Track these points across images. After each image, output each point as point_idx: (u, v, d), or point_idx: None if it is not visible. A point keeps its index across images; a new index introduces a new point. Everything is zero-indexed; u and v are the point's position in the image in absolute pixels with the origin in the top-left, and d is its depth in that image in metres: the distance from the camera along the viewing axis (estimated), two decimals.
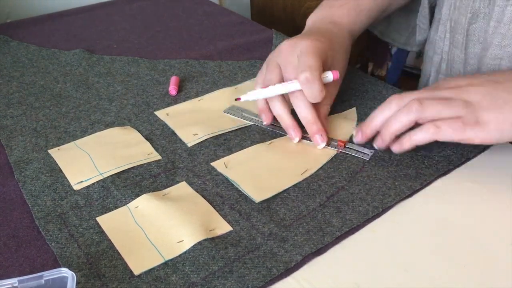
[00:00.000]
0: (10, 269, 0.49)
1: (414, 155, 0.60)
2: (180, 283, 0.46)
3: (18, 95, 0.78)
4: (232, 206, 0.55)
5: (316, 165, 0.60)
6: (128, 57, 0.88)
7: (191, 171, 0.60)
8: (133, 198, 0.56)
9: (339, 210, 0.53)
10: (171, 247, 0.50)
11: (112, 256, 0.49)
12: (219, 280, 0.46)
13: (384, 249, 0.49)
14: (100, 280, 0.47)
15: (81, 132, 0.68)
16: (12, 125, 0.70)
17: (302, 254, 0.49)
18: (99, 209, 0.55)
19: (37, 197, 0.57)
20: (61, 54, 0.90)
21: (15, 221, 0.54)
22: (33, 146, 0.65)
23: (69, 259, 0.49)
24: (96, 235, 0.52)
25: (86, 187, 0.58)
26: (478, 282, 0.46)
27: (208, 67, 0.84)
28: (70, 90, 0.79)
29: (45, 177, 0.60)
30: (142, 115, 0.71)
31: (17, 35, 0.99)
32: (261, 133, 0.66)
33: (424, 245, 0.50)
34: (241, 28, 1.00)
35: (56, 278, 0.43)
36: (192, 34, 0.98)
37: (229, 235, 0.51)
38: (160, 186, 0.58)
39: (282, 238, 0.50)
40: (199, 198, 0.56)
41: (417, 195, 0.56)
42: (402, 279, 0.46)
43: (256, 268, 0.47)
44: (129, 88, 0.79)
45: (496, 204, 0.54)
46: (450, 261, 0.48)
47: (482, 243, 0.49)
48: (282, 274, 0.47)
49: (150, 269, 0.48)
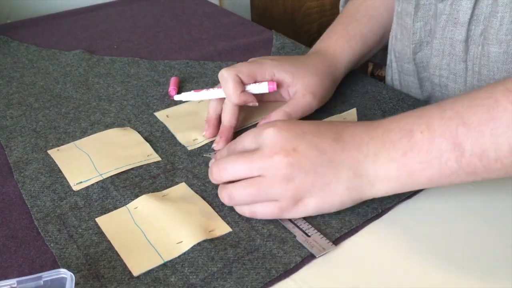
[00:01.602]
0: (9, 270, 0.49)
1: None
2: (179, 284, 0.46)
3: (18, 95, 0.78)
4: (232, 207, 0.54)
5: None
6: (128, 58, 0.88)
7: (190, 172, 0.60)
8: (132, 199, 0.56)
9: (339, 212, 0.53)
10: (170, 248, 0.50)
11: (111, 257, 0.49)
12: (218, 281, 0.46)
13: (384, 250, 0.49)
14: (99, 281, 0.47)
15: (80, 133, 0.68)
16: (11, 126, 0.70)
17: (302, 256, 0.48)
18: (99, 210, 0.55)
19: (37, 197, 0.57)
20: (61, 55, 0.90)
21: (14, 221, 0.54)
22: (33, 146, 0.65)
23: (68, 260, 0.49)
24: (96, 236, 0.52)
25: (86, 187, 0.58)
26: (478, 282, 0.45)
27: (208, 68, 0.84)
28: (70, 91, 0.79)
29: (45, 177, 0.60)
30: (142, 116, 0.71)
31: (17, 35, 0.99)
32: None
33: (424, 245, 0.50)
34: (241, 29, 1.00)
35: (55, 279, 0.43)
36: (192, 35, 0.98)
37: (228, 236, 0.51)
38: (160, 187, 0.58)
39: (281, 239, 0.50)
40: (198, 199, 0.56)
41: (417, 195, 0.56)
42: (401, 280, 0.46)
43: (255, 269, 0.47)
44: (129, 89, 0.79)
45: (496, 204, 0.54)
46: (450, 261, 0.48)
47: (482, 243, 0.49)
48: (281, 276, 0.47)
49: (149, 270, 0.48)
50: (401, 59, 0.76)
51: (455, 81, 0.68)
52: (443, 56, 0.68)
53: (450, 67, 0.68)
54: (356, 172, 0.50)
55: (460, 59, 0.66)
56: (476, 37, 0.64)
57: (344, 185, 0.50)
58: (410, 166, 0.48)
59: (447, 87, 0.69)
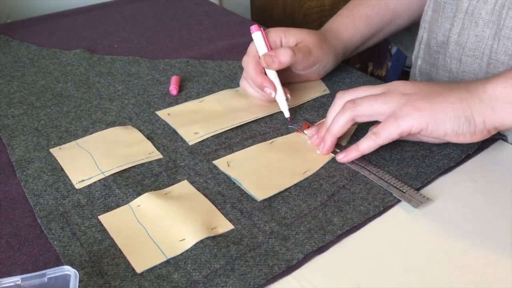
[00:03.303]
0: (12, 268, 0.49)
1: (415, 154, 0.61)
2: (182, 281, 0.46)
3: (19, 94, 0.78)
4: (234, 205, 0.55)
5: (317, 165, 0.60)
6: (128, 57, 0.88)
7: (192, 170, 0.60)
8: (135, 197, 0.56)
9: (340, 209, 0.54)
10: (173, 246, 0.50)
11: (115, 254, 0.49)
12: (221, 278, 0.47)
13: (385, 248, 0.50)
14: (103, 278, 0.47)
15: (82, 131, 0.68)
16: (13, 125, 0.70)
17: (304, 253, 0.49)
18: (101, 208, 0.55)
19: (39, 196, 0.57)
20: (62, 54, 0.90)
21: (17, 219, 0.54)
22: (35, 145, 0.66)
23: (71, 257, 0.49)
24: (98, 233, 0.52)
25: (88, 186, 0.58)
26: (478, 282, 0.46)
27: (209, 66, 0.84)
28: (71, 90, 0.79)
29: (47, 176, 0.60)
30: (143, 115, 0.71)
31: (18, 35, 0.99)
32: (262, 132, 0.66)
33: (424, 244, 0.50)
34: (241, 28, 1.00)
35: (59, 276, 0.43)
36: (192, 34, 0.98)
37: (230, 233, 0.51)
38: (162, 184, 0.58)
39: (283, 236, 0.51)
40: (200, 197, 0.56)
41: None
42: (402, 279, 0.46)
43: (257, 266, 0.48)
44: (130, 87, 0.79)
45: (496, 203, 0.54)
46: (450, 260, 0.48)
47: (482, 243, 0.50)
48: (283, 273, 0.47)
49: (152, 267, 0.48)
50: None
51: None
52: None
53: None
54: (470, 90, 0.54)
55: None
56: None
57: (456, 95, 0.54)
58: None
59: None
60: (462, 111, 0.54)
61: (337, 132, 0.59)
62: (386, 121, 0.56)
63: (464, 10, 0.67)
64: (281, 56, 0.67)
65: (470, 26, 0.66)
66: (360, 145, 0.58)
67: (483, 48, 0.66)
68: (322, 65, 0.73)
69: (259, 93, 0.70)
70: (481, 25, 0.65)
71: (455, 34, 0.68)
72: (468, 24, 0.67)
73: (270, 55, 0.67)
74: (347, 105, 0.58)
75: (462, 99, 0.54)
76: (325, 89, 0.75)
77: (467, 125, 0.54)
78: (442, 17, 0.70)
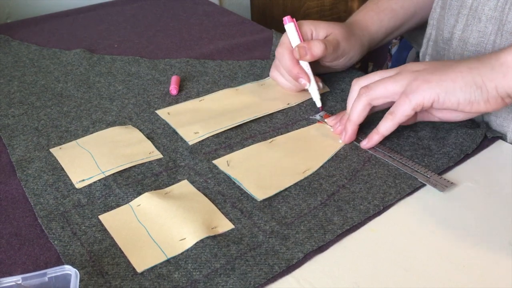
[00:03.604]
0: (13, 267, 0.49)
1: (414, 154, 0.61)
2: (182, 281, 0.47)
3: (20, 94, 0.78)
4: (234, 204, 0.55)
5: (317, 164, 0.60)
6: (128, 56, 0.88)
7: (192, 170, 0.60)
8: (135, 197, 0.56)
9: (340, 209, 0.54)
10: (173, 245, 0.50)
11: (115, 253, 0.50)
12: (221, 277, 0.47)
13: (385, 248, 0.50)
14: (103, 278, 0.47)
15: (82, 131, 0.68)
16: (13, 124, 0.70)
17: (304, 252, 0.49)
18: (102, 207, 0.55)
19: (40, 195, 0.57)
20: (62, 54, 0.90)
21: (18, 219, 0.55)
22: (35, 145, 0.66)
23: (72, 257, 0.49)
24: (99, 233, 0.52)
25: (88, 185, 0.58)
26: (478, 282, 0.46)
27: (209, 66, 0.84)
28: (71, 90, 0.79)
29: (47, 175, 0.60)
30: (143, 114, 0.71)
31: (18, 35, 0.99)
32: (262, 132, 0.67)
33: (424, 244, 0.50)
34: (241, 28, 1.00)
35: (60, 276, 0.43)
36: (192, 34, 0.98)
37: (231, 233, 0.51)
38: (162, 184, 0.58)
39: (283, 236, 0.51)
40: (200, 196, 0.56)
41: (418, 193, 0.56)
42: (402, 278, 0.46)
43: (258, 265, 0.48)
44: (130, 87, 0.79)
45: (496, 203, 0.54)
46: (450, 260, 0.48)
47: (482, 243, 0.50)
48: (283, 272, 0.47)
49: (152, 267, 0.48)
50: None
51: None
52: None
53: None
54: (482, 60, 0.55)
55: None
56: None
57: (466, 65, 0.55)
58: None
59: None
60: (472, 78, 0.54)
61: (356, 118, 0.61)
62: (399, 99, 0.57)
63: (469, 6, 0.68)
64: (314, 48, 0.68)
65: (473, 22, 0.67)
66: (380, 128, 0.60)
67: (485, 43, 0.67)
68: (349, 57, 0.74)
69: (291, 82, 0.72)
70: (484, 21, 0.66)
71: (459, 30, 0.69)
72: (471, 20, 0.67)
73: (304, 47, 0.68)
74: (361, 90, 0.60)
75: (472, 68, 0.55)
76: (326, 88, 0.75)
77: (479, 92, 0.54)
78: (448, 14, 0.71)
